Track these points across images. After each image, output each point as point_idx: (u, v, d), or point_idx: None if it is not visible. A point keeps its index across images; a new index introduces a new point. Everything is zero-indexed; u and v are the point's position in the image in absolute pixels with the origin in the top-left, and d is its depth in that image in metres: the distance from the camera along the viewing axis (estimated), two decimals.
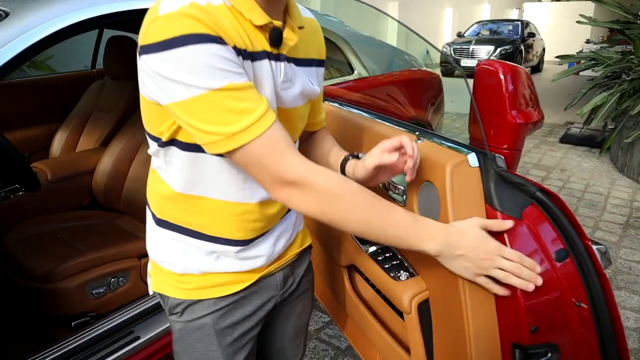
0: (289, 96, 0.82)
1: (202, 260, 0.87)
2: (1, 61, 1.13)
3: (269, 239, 0.91)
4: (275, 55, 0.77)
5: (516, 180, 0.85)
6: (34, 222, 1.89)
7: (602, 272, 0.81)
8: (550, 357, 0.81)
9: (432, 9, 13.95)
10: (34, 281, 1.59)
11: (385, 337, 1.15)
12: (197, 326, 0.89)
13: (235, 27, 0.71)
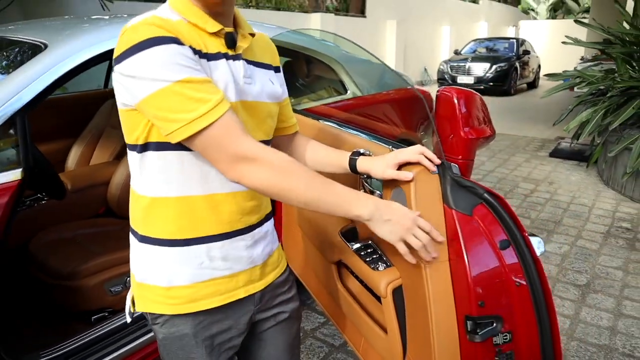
0: (252, 91, 0.96)
1: (188, 270, 0.94)
2: (44, 85, 1.33)
3: (246, 240, 0.99)
4: (232, 55, 0.92)
5: (467, 184, 1.05)
6: (55, 228, 2.09)
7: (536, 258, 1.00)
8: (495, 326, 1.00)
9: (430, 27, 14.29)
10: (58, 279, 1.78)
11: (367, 322, 1.34)
12: (178, 337, 0.98)
13: (192, 35, 0.86)
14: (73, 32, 1.71)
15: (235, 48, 0.93)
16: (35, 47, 1.55)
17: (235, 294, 1.00)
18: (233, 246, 0.97)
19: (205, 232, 0.94)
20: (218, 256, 0.96)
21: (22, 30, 1.84)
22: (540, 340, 1.01)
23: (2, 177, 1.29)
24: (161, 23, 0.82)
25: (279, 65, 1.12)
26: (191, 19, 0.88)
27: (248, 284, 1.02)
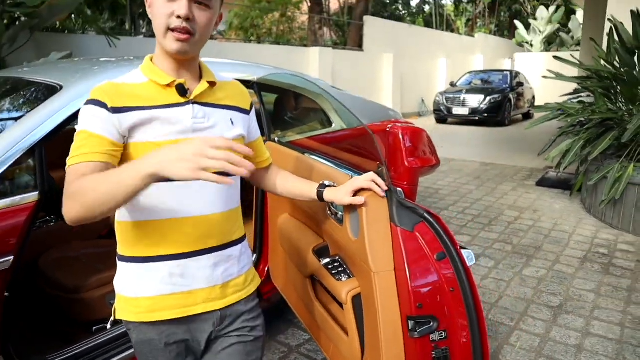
0: (206, 128, 1.11)
1: (151, 284, 1.11)
2: (58, 121, 1.57)
3: (203, 260, 1.13)
4: (184, 102, 1.09)
5: (410, 206, 1.26)
6: (62, 247, 2.30)
7: (467, 267, 1.20)
8: (431, 325, 1.19)
9: (426, 60, 14.73)
10: (64, 292, 1.98)
11: (334, 327, 1.53)
12: (147, 341, 1.14)
13: (149, 91, 1.07)
14: (84, 74, 1.96)
15: (186, 95, 1.10)
16: (52, 87, 1.79)
17: (193, 309, 1.14)
18: (191, 265, 1.12)
19: (163, 252, 1.10)
20: (177, 273, 1.11)
21: (40, 72, 2.10)
22: (471, 338, 1.20)
23: (23, 199, 1.51)
24: (103, 90, 1.05)
25: (248, 108, 1.26)
26: (151, 77, 1.09)
27: (207, 302, 1.15)
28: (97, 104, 1.03)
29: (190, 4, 1.03)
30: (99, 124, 1.02)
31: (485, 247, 3.82)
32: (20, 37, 4.61)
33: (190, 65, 1.13)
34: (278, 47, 11.00)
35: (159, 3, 1.05)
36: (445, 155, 7.71)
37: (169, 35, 1.05)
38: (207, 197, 1.13)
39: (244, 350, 1.22)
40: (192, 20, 1.04)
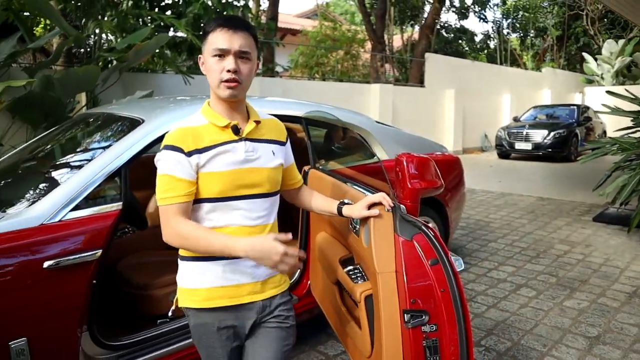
0: (255, 160, 1.42)
1: (207, 279, 1.40)
2: (139, 148, 1.99)
3: (250, 262, 1.39)
4: (238, 139, 1.40)
5: (410, 220, 1.52)
6: (137, 254, 2.72)
7: (456, 272, 1.44)
8: (423, 318, 1.42)
9: (489, 95, 14.68)
10: (136, 290, 2.38)
11: (353, 325, 1.78)
12: (202, 324, 1.42)
13: (209, 132, 1.38)
14: (162, 110, 2.40)
15: (239, 134, 1.42)
16: (136, 121, 2.24)
17: (240, 299, 1.42)
18: (239, 265, 1.41)
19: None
20: (228, 270, 1.41)
21: (126, 109, 2.58)
22: (458, 333, 1.42)
23: (110, 207, 1.92)
24: (178, 135, 1.37)
25: (284, 140, 1.57)
26: (211, 120, 1.41)
27: (251, 294, 1.43)
28: (175, 149, 1.35)
29: (235, 59, 1.35)
30: (180, 168, 1.34)
31: (528, 278, 3.88)
32: (111, 78, 5.34)
33: (239, 107, 1.45)
34: (340, 83, 11.52)
35: (211, 61, 1.36)
36: (501, 189, 7.71)
37: (221, 86, 1.36)
38: (253, 214, 1.43)
39: (281, 335, 1.48)
40: (238, 72, 1.35)
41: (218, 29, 1.35)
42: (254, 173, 1.43)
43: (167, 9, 7.70)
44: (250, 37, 1.38)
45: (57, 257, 1.73)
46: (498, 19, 20.50)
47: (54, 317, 1.73)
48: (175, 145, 1.35)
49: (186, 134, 1.37)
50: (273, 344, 1.46)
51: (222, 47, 1.34)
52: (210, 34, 1.37)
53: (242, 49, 1.35)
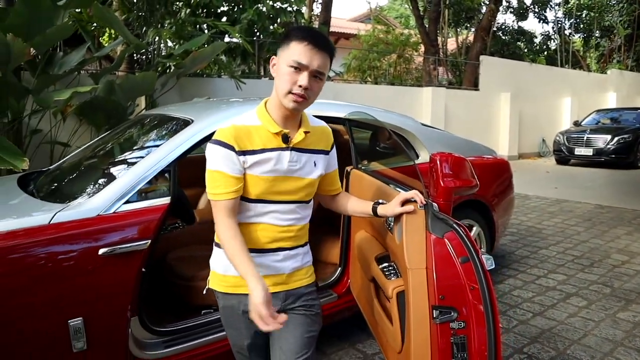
0: (297, 170, 1.47)
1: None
2: (188, 147, 2.12)
3: (277, 256, 1.50)
4: (285, 147, 1.45)
5: (442, 217, 1.54)
6: (185, 248, 2.87)
7: (486, 270, 1.44)
8: (452, 315, 1.44)
9: (548, 99, 14.11)
10: (183, 281, 2.52)
11: (385, 321, 1.81)
12: (229, 307, 1.53)
13: (260, 134, 1.42)
14: (212, 111, 2.53)
15: (287, 143, 1.46)
16: (186, 121, 2.38)
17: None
18: (266, 259, 1.50)
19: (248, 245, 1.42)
20: (256, 262, 1.42)
21: (179, 110, 2.73)
22: (487, 331, 1.42)
23: (160, 201, 2.06)
24: (230, 133, 1.41)
25: (329, 149, 1.60)
26: (264, 123, 1.45)
27: (276, 285, 1.51)
28: (227, 146, 1.39)
29: (310, 77, 1.37)
30: (231, 165, 1.40)
31: (580, 288, 3.73)
32: (168, 83, 5.62)
33: (295, 117, 1.49)
34: (391, 87, 11.47)
35: (285, 70, 1.38)
36: (557, 196, 7.41)
37: (289, 96, 1.39)
38: (285, 216, 1.50)
39: (305, 321, 1.54)
40: (309, 89, 1.38)
41: (304, 41, 1.36)
42: (293, 182, 1.49)
43: (223, 16, 8.00)
44: (329, 58, 1.41)
45: (111, 246, 1.88)
46: (559, 18, 19.63)
47: (106, 300, 1.87)
48: (227, 143, 1.40)
49: (239, 132, 1.42)
50: (298, 328, 1.52)
51: (301, 62, 1.36)
52: (293, 42, 1.37)
53: (319, 69, 1.38)
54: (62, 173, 2.68)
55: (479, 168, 3.53)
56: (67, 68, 4.40)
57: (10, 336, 1.70)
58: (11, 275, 1.70)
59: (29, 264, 1.75)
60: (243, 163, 1.41)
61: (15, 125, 4.26)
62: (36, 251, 1.76)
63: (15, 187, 2.41)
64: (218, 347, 2.22)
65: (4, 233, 1.75)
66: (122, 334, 1.94)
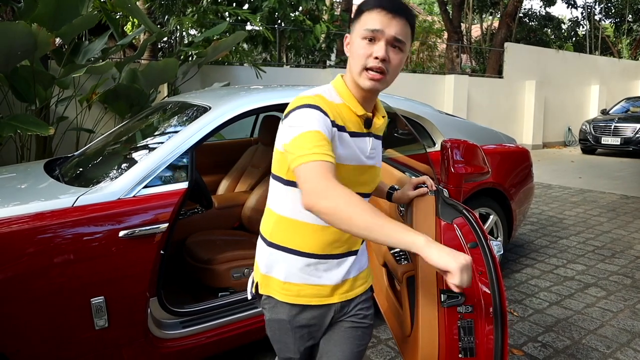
0: (374, 159, 1.31)
1: (300, 274, 1.27)
2: (205, 133, 2.17)
3: (344, 264, 1.30)
4: (366, 133, 1.28)
5: (452, 203, 1.55)
6: (203, 232, 2.95)
7: (494, 255, 1.45)
8: (459, 299, 1.45)
9: (575, 87, 13.77)
10: (201, 264, 2.59)
11: (397, 306, 1.84)
12: (278, 320, 1.31)
13: (343, 114, 1.22)
14: (231, 97, 2.57)
15: (369, 128, 1.29)
16: (204, 108, 2.43)
17: (330, 299, 1.30)
18: (333, 263, 1.29)
19: (311, 250, 1.26)
20: (322, 269, 1.28)
21: (198, 97, 2.79)
22: (494, 316, 1.43)
23: (178, 185, 2.12)
24: (320, 101, 1.17)
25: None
26: (348, 102, 1.25)
27: (341, 295, 1.32)
28: (324, 113, 1.16)
29: (387, 47, 1.18)
30: (328, 132, 1.14)
31: (599, 278, 3.68)
32: (190, 71, 5.70)
33: (374, 98, 1.30)
34: (413, 74, 11.36)
35: (358, 44, 1.19)
36: (580, 186, 7.28)
37: (364, 74, 1.20)
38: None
39: (356, 335, 1.37)
40: (387, 61, 1.19)
41: (376, 9, 1.18)
42: (370, 171, 1.33)
43: (244, 4, 8.02)
44: (409, 25, 1.21)
45: (130, 228, 1.95)
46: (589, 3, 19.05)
47: (126, 280, 1.95)
48: (322, 109, 1.17)
49: (328, 105, 1.21)
50: (347, 343, 1.36)
51: (375, 28, 1.17)
52: (364, 13, 1.21)
53: (398, 36, 1.18)
54: (86, 158, 2.77)
55: (497, 156, 3.53)
56: (91, 56, 4.50)
57: (38, 312, 1.79)
58: (39, 254, 1.79)
59: (55, 244, 1.83)
60: (332, 138, 1.17)
61: (43, 112, 4.39)
62: (61, 232, 1.84)
63: (42, 172, 2.51)
64: (233, 328, 2.29)
65: (32, 215, 1.83)
66: (142, 313, 2.01)
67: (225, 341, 2.28)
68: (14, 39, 3.29)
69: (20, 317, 1.76)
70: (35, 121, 3.51)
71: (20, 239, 1.77)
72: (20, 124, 3.39)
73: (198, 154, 2.27)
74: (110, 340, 1.95)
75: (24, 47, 3.41)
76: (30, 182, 2.41)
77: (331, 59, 10.60)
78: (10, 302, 1.73)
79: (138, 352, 2.04)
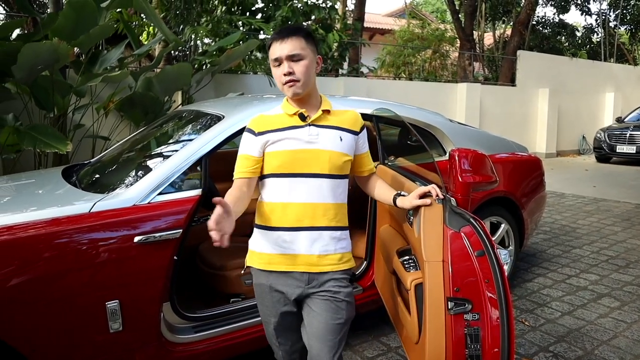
0: (317, 143, 1.61)
1: (269, 245, 1.63)
2: (219, 141, 2.21)
3: (305, 235, 1.59)
4: (303, 125, 1.62)
5: (459, 212, 1.57)
6: None
7: (501, 264, 1.48)
8: (466, 306, 1.47)
9: (590, 94, 13.65)
10: (213, 270, 2.63)
11: (405, 313, 1.86)
12: (259, 284, 1.68)
13: (280, 119, 1.63)
14: (243, 107, 2.62)
15: (305, 120, 1.64)
16: (218, 117, 2.48)
17: (295, 267, 1.61)
18: (295, 237, 1.60)
19: (278, 224, 1.62)
20: (287, 240, 1.60)
21: (212, 106, 2.84)
22: (501, 324, 1.45)
23: (192, 193, 2.17)
24: (255, 120, 1.68)
25: (357, 130, 1.72)
26: (284, 110, 1.67)
27: (307, 265, 1.60)
28: (249, 131, 1.66)
29: (288, 63, 1.56)
30: (248, 146, 1.64)
31: (613, 288, 3.65)
32: (204, 79, 5.79)
33: (308, 100, 1.66)
34: (425, 83, 11.37)
35: (274, 71, 1.61)
36: (594, 195, 7.21)
37: (284, 87, 1.60)
38: (310, 191, 1.59)
39: (330, 307, 1.60)
40: (293, 72, 1.56)
41: (272, 43, 1.59)
42: (314, 154, 1.61)
43: (257, 13, 8.12)
44: (299, 39, 1.56)
45: (145, 234, 2.00)
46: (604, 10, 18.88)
47: (140, 285, 1.99)
48: (250, 128, 1.67)
49: (262, 120, 1.67)
50: (323, 314, 1.59)
51: (275, 57, 1.58)
52: (269, 50, 1.60)
53: (291, 53, 1.55)
54: (102, 165, 2.84)
55: (508, 165, 3.53)
56: (107, 65, 4.61)
57: (55, 314, 1.84)
58: (57, 258, 1.84)
59: (73, 248, 1.88)
60: (261, 143, 1.62)
61: (60, 120, 4.50)
62: (79, 237, 1.90)
63: (60, 179, 2.58)
64: (244, 334, 2.32)
65: (51, 220, 1.89)
66: (155, 317, 2.06)
67: (236, 346, 2.31)
68: (38, 56, 3.42)
69: (37, 319, 1.81)
70: (54, 133, 3.59)
71: (40, 243, 1.83)
72: (39, 134, 3.49)
73: (211, 161, 2.32)
74: (124, 343, 2.00)
75: (47, 62, 3.54)
76: (49, 188, 2.48)
77: (343, 68, 10.66)
78: (28, 303, 1.79)
79: (151, 355, 2.08)
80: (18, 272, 1.76)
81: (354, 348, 2.80)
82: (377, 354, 2.74)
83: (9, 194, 2.50)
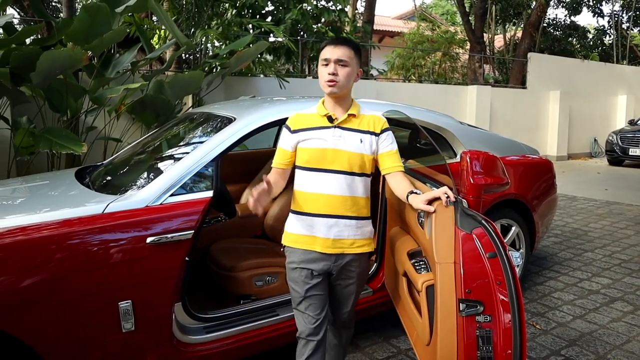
0: (340, 144, 1.84)
1: (299, 228, 1.89)
2: (230, 143, 2.23)
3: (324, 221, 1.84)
4: (330, 126, 1.86)
5: (471, 214, 1.57)
6: (227, 240, 3.01)
7: (513, 266, 1.47)
8: (477, 308, 1.47)
9: (602, 96, 13.53)
10: (224, 271, 2.64)
11: (416, 314, 1.86)
12: (290, 262, 1.91)
13: (312, 119, 1.88)
14: (254, 109, 2.64)
15: (332, 122, 1.87)
16: (229, 119, 2.50)
17: (314, 247, 1.86)
18: (316, 222, 1.85)
19: (303, 210, 1.88)
20: (309, 224, 1.86)
21: (223, 108, 2.86)
22: (513, 326, 1.44)
23: (203, 194, 2.19)
24: (293, 118, 1.95)
25: (378, 131, 1.91)
26: (317, 111, 1.92)
27: (323, 247, 1.85)
28: (287, 128, 1.93)
29: (335, 65, 1.80)
30: (284, 141, 1.93)
31: (626, 292, 3.61)
32: (214, 82, 5.82)
33: (342, 102, 1.90)
34: (435, 85, 11.34)
35: (320, 69, 1.84)
36: (606, 198, 7.14)
37: (325, 84, 1.83)
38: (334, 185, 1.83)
39: (348, 292, 1.97)
40: (336, 74, 1.81)
41: (326, 46, 1.85)
42: (337, 153, 1.85)
43: (268, 16, 8.16)
44: (349, 49, 1.82)
45: (157, 235, 2.01)
46: (617, 12, 18.69)
47: (153, 285, 2.01)
48: (287, 125, 1.95)
49: (297, 118, 1.94)
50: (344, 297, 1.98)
51: (325, 57, 1.83)
52: (321, 51, 1.86)
53: (340, 57, 1.81)
54: (115, 167, 2.87)
55: (519, 167, 3.51)
56: (120, 69, 4.66)
57: (69, 313, 1.87)
58: (71, 258, 1.87)
59: (86, 248, 1.90)
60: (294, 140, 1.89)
61: (73, 122, 4.55)
62: (92, 237, 1.92)
63: (73, 180, 2.61)
64: (255, 335, 2.33)
65: (64, 220, 1.92)
66: (167, 318, 2.07)
67: (247, 347, 2.32)
68: (56, 62, 3.48)
69: (52, 318, 1.84)
70: (69, 135, 3.65)
71: (54, 243, 1.85)
72: (54, 137, 3.55)
73: (223, 163, 2.33)
74: (136, 343, 2.02)
75: (62, 67, 3.60)
76: (62, 189, 2.51)
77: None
78: (43, 303, 1.81)
79: (162, 355, 2.09)
80: (33, 272, 1.79)
81: (364, 350, 2.80)
82: (387, 356, 2.74)
83: (24, 195, 2.53)
